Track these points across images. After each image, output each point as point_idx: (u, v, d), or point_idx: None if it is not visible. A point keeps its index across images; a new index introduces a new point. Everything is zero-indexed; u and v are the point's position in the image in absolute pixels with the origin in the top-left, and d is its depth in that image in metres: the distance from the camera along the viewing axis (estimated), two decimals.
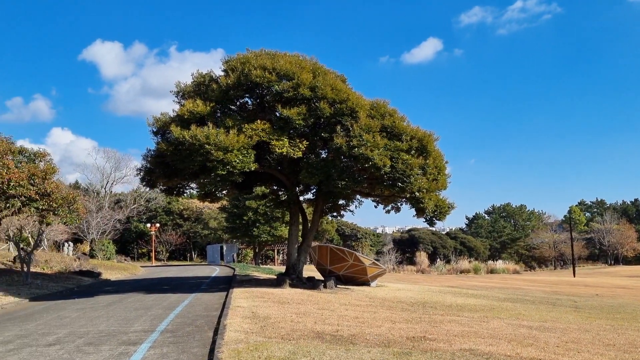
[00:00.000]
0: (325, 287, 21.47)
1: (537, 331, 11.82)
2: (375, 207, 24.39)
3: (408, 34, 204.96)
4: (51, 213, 25.93)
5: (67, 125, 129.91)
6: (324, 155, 21.04)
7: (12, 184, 23.55)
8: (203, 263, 62.88)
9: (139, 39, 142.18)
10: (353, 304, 16.66)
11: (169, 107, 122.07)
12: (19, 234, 26.92)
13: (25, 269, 23.98)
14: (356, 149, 17.88)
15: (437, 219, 21.17)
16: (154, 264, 58.89)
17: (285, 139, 18.44)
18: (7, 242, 35.63)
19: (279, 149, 18.20)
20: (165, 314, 13.87)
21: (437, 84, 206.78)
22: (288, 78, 18.79)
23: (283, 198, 26.18)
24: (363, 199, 25.06)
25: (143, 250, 69.03)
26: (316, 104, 18.63)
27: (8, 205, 24.96)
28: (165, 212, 70.41)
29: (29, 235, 28.68)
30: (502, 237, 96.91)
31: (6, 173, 23.40)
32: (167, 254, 68.59)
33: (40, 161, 27.01)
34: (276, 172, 22.83)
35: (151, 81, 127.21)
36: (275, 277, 24.36)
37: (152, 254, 64.16)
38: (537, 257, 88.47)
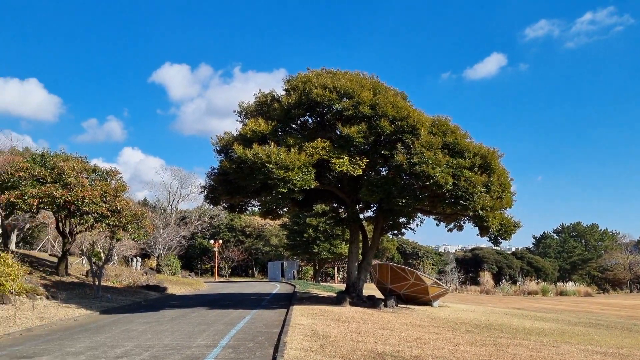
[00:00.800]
0: (385, 306, 21.18)
1: (612, 358, 11.17)
2: (437, 225, 23.96)
3: (471, 50, 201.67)
4: (121, 229, 27.15)
5: (137, 145, 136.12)
6: (384, 173, 20.94)
7: (86, 201, 24.86)
8: (264, 279, 63.57)
9: (205, 60, 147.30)
10: (414, 324, 16.33)
11: (232, 126, 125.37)
12: (92, 249, 28.21)
13: (97, 283, 25.02)
14: (417, 167, 17.68)
15: (502, 238, 20.53)
16: (216, 280, 60.07)
17: (346, 157, 18.48)
18: (80, 257, 37.37)
19: (339, 167, 18.25)
20: (227, 330, 14.08)
21: (502, 100, 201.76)
22: (348, 96, 18.89)
23: (343, 216, 26.17)
24: (424, 217, 24.69)
25: (206, 266, 70.55)
26: (376, 121, 18.59)
27: (82, 221, 26.33)
28: (228, 229, 71.84)
29: (101, 250, 30.06)
30: (573, 258, 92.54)
31: (81, 191, 24.73)
32: (230, 270, 69.82)
33: (112, 179, 28.36)
34: (336, 190, 22.88)
35: (215, 101, 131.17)
36: (335, 295, 24.27)
37: (215, 270, 65.46)
38: (611, 280, 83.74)
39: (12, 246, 35.52)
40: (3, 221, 29.53)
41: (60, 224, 28.63)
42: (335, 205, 26.90)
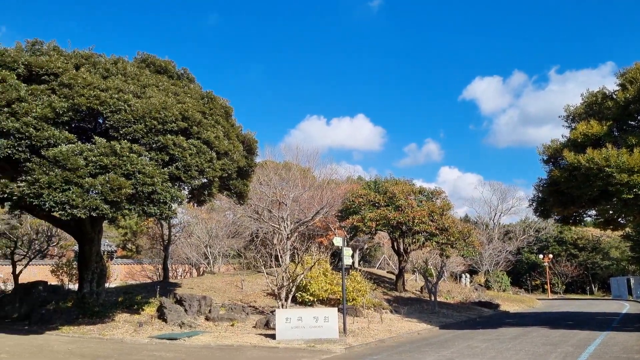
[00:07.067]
0: None
1: None
2: None
3: None
4: (449, 246, 27.98)
5: (453, 163, 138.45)
6: None
7: (416, 221, 26.48)
8: (606, 297, 56.87)
9: (518, 67, 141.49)
10: None
11: (551, 133, 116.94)
12: (425, 266, 29.72)
13: (433, 299, 26.17)
14: None
15: None
16: (549, 297, 56.37)
17: None
18: (413, 274, 39.81)
19: None
20: (577, 353, 12.98)
21: None
22: None
23: None
24: None
25: (536, 282, 66.83)
26: None
27: (414, 240, 28.09)
28: (557, 242, 66.85)
29: (432, 267, 31.45)
30: None
31: (410, 212, 26.46)
32: (563, 287, 64.64)
33: (437, 199, 29.57)
34: None
35: (529, 109, 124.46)
36: None
37: (547, 287, 61.51)
38: None
39: (356, 264, 40.08)
40: (348, 242, 33.63)
41: (394, 244, 31.08)
42: None
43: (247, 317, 18.48)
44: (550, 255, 60.36)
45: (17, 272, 23.86)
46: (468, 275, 46.44)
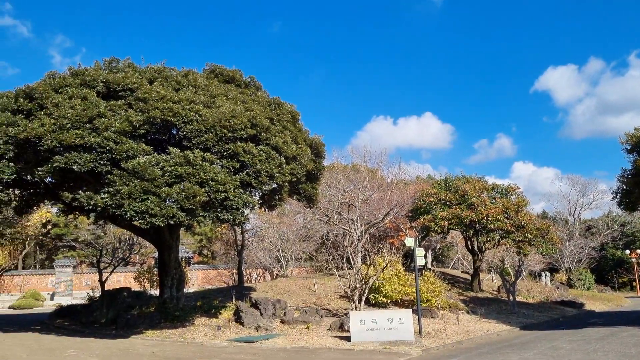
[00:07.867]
0: None
1: None
2: None
3: None
4: (527, 244, 26.94)
5: (527, 158, 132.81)
6: None
7: (490, 218, 25.71)
8: None
9: (595, 54, 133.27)
10: None
11: (633, 121, 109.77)
12: (502, 265, 28.77)
13: (511, 299, 25.27)
14: None
15: None
16: (639, 295, 53.10)
17: None
18: (488, 273, 38.60)
19: None
20: None
21: None
22: None
23: None
24: None
25: (623, 280, 63.07)
26: None
27: (489, 238, 27.26)
28: None
29: (508, 266, 30.40)
30: None
31: (484, 209, 25.72)
32: None
33: (512, 195, 28.58)
34: None
35: (608, 97, 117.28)
36: None
37: (636, 284, 57.94)
38: None
39: (429, 265, 39.39)
40: (420, 243, 33.11)
41: (468, 243, 30.30)
42: None
43: (321, 320, 18.57)
44: (638, 251, 56.85)
45: (103, 279, 25.21)
46: (548, 274, 44.50)
